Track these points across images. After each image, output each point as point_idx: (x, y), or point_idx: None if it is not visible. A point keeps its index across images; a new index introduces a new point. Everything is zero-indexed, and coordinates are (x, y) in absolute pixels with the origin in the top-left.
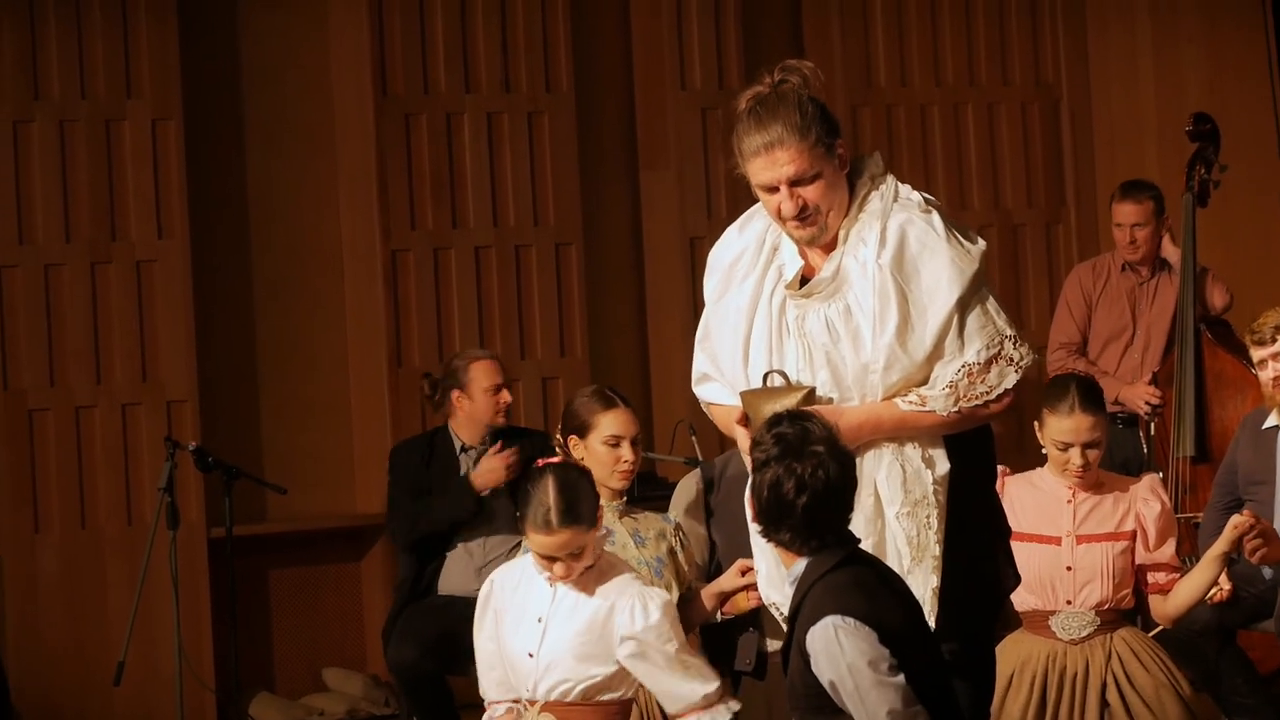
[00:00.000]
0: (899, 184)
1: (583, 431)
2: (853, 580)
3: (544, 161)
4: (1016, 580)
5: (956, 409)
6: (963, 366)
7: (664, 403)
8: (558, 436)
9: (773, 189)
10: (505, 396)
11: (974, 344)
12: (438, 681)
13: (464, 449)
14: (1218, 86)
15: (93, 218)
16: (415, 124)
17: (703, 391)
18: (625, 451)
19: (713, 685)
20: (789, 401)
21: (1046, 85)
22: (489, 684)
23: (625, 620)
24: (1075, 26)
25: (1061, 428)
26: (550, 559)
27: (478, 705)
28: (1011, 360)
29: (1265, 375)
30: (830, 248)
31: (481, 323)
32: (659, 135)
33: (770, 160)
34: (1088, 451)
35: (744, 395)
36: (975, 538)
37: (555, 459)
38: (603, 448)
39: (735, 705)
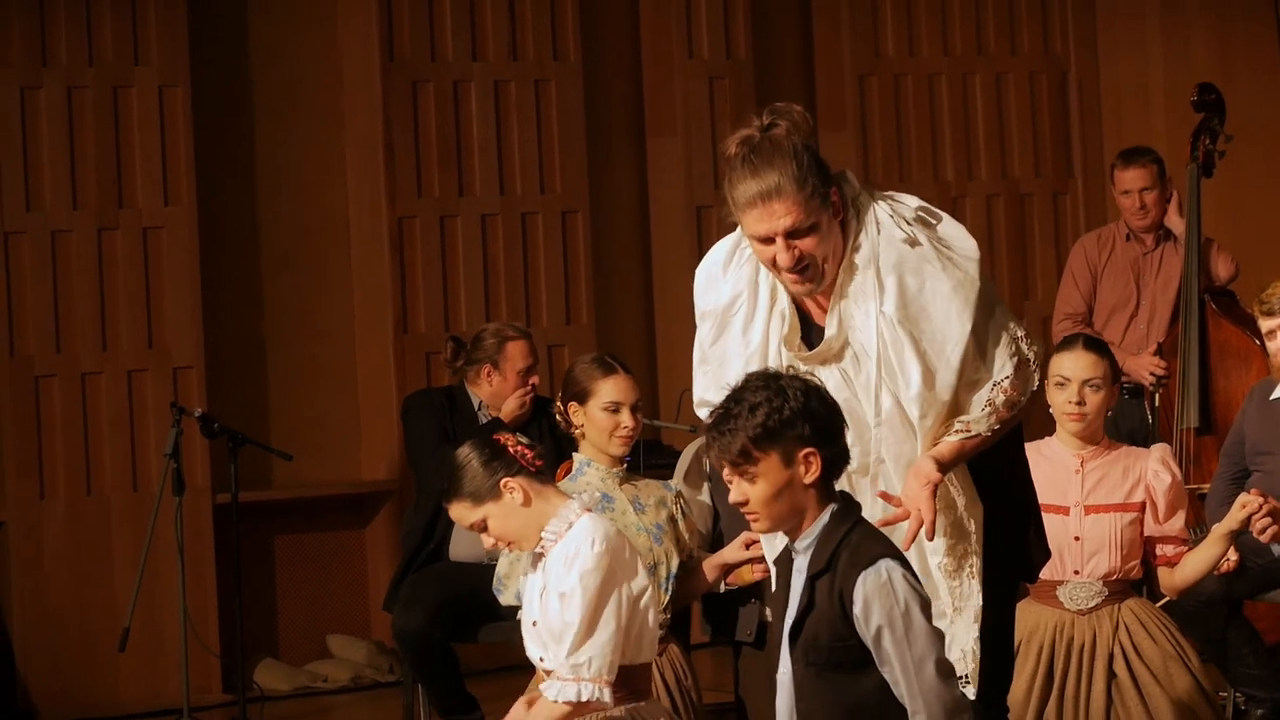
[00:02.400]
0: (875, 205)
1: (582, 398)
2: (880, 533)
3: (551, 129)
4: (1046, 556)
5: (998, 424)
6: (995, 386)
7: (669, 370)
8: (558, 404)
9: (768, 240)
10: (534, 379)
11: (999, 361)
12: (444, 648)
13: (482, 405)
14: (1225, 57)
15: (100, 184)
16: (423, 92)
17: (704, 415)
18: (625, 418)
19: (576, 658)
20: None
21: (1054, 55)
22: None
23: (559, 571)
24: None
25: (1062, 363)
26: None
27: (483, 672)
28: (1029, 362)
29: (1274, 346)
30: (826, 294)
31: (488, 290)
32: (666, 103)
33: (767, 212)
34: (1086, 390)
35: None
36: (1006, 516)
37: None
38: (602, 414)
39: (594, 692)
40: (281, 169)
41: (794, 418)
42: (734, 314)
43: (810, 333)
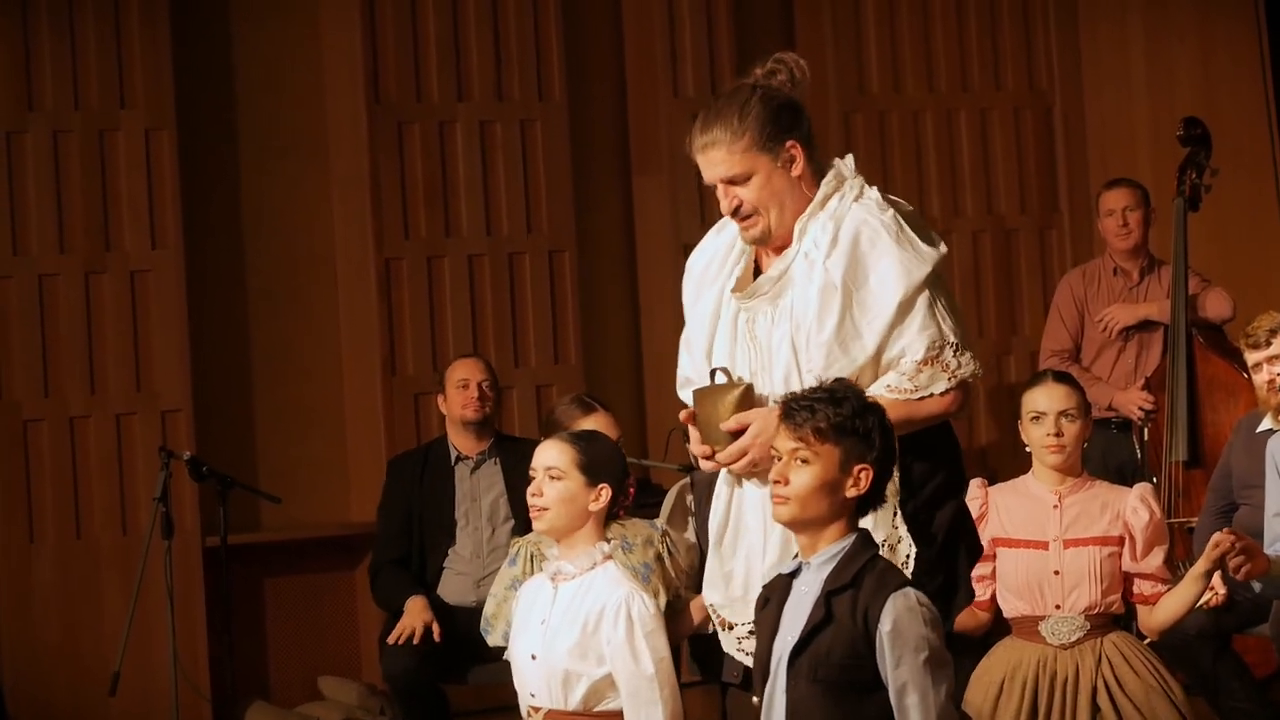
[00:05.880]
0: (865, 186)
1: None
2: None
3: (537, 169)
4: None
5: (887, 393)
6: (903, 373)
7: (658, 409)
8: None
9: (714, 186)
10: (472, 392)
11: (915, 348)
12: (433, 690)
13: (459, 459)
14: (1210, 90)
15: (86, 228)
16: (408, 132)
17: (684, 395)
18: None
19: None
20: (728, 398)
21: (1039, 90)
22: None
23: (609, 628)
24: (1067, 31)
25: (1035, 398)
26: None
27: (472, 713)
28: (947, 367)
29: (1260, 379)
30: (783, 248)
31: (475, 331)
32: (651, 142)
33: (705, 161)
34: (1062, 421)
35: (695, 393)
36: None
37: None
38: None
39: None
40: (267, 211)
41: (870, 432)
42: (709, 272)
43: None
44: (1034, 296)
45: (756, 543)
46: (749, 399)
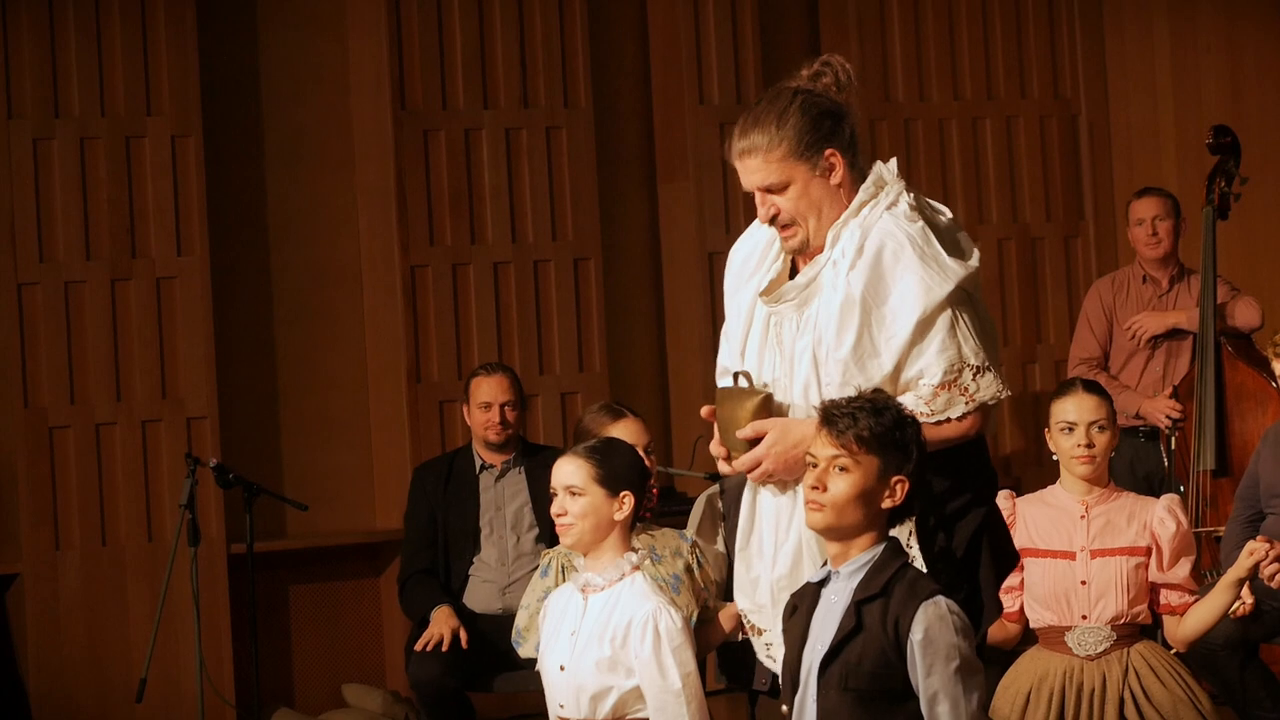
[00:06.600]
0: (903, 193)
1: None
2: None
3: (562, 177)
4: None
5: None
6: (919, 396)
7: (683, 417)
8: None
9: (752, 194)
10: (494, 415)
11: (933, 371)
12: (459, 698)
13: (483, 467)
14: (1236, 98)
15: (113, 235)
16: (434, 140)
17: (722, 382)
18: None
19: None
20: (748, 405)
21: (1064, 98)
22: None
23: (636, 642)
24: (1093, 39)
25: (1064, 408)
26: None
27: None
28: (965, 391)
29: None
30: (817, 254)
31: (500, 338)
32: (677, 150)
33: (743, 168)
34: (1092, 431)
35: (718, 393)
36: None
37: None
38: None
39: None
40: (293, 218)
41: (909, 444)
42: (748, 265)
43: None
44: (1059, 304)
45: (768, 553)
46: (768, 408)
